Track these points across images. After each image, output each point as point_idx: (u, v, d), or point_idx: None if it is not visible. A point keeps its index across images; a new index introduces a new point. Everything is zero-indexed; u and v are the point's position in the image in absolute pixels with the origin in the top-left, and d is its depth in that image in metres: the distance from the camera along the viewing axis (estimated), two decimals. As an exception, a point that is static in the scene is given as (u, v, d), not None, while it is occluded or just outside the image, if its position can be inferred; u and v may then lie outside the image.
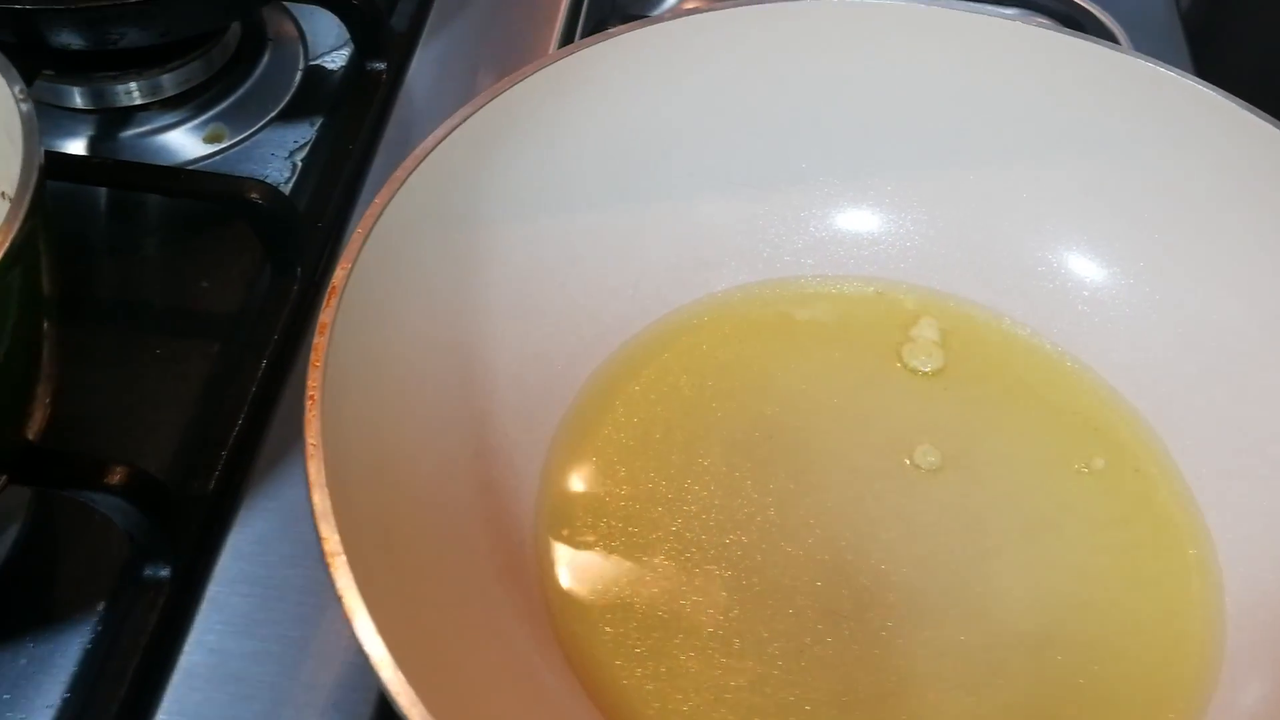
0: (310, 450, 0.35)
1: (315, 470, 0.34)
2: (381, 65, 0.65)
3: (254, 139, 0.62)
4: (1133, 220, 0.53)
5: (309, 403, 0.36)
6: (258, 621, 0.44)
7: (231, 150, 0.62)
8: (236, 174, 0.59)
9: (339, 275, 0.39)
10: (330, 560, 0.33)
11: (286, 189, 0.60)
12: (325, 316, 0.38)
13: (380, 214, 0.42)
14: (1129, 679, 0.45)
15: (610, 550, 0.46)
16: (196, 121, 0.63)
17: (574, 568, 0.45)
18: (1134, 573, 0.48)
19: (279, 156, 0.62)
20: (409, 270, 0.43)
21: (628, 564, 0.46)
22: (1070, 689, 0.44)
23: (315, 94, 0.65)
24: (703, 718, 0.42)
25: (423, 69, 0.67)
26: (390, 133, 0.63)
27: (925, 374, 0.53)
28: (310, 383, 0.36)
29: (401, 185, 0.43)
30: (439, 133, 0.45)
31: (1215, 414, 0.50)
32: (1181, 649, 0.46)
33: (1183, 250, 0.52)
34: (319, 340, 0.37)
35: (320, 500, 0.34)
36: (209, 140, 0.62)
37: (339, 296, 0.39)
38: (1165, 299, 0.53)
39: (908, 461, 0.50)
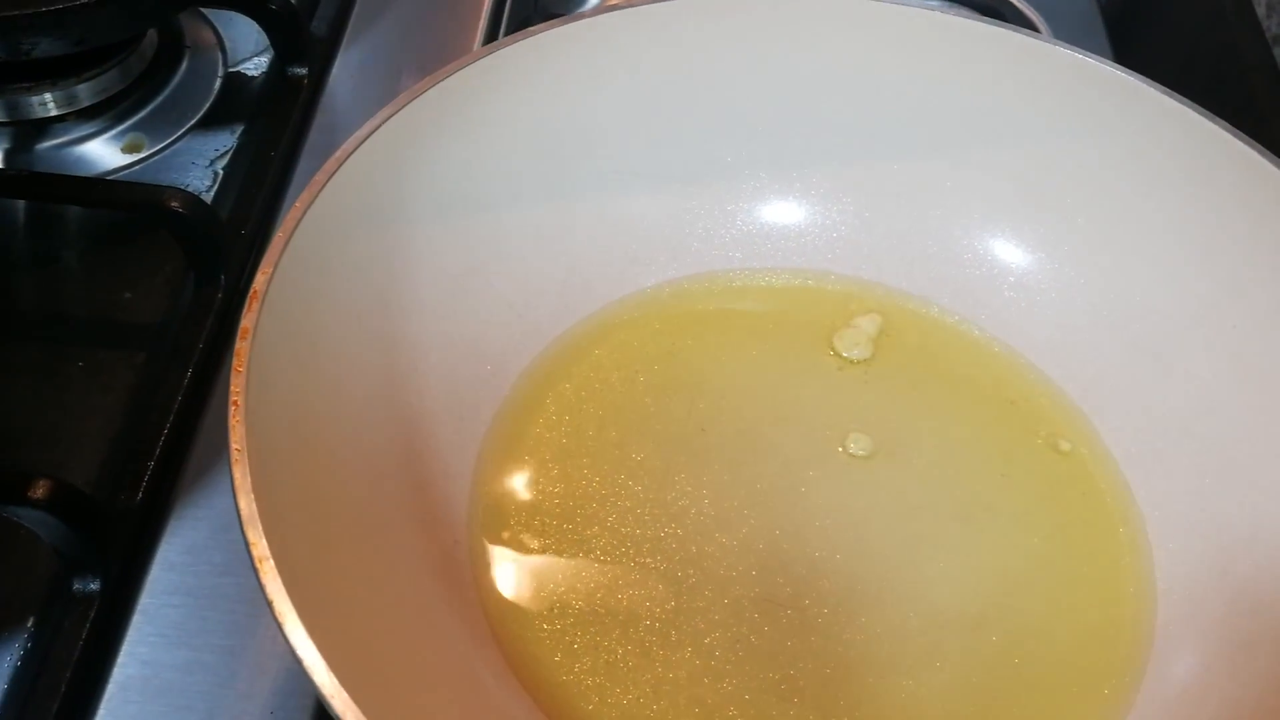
0: (235, 456, 0.34)
1: (241, 476, 0.34)
2: (302, 70, 0.65)
3: (174, 148, 0.62)
4: (1056, 206, 0.54)
5: (232, 408, 0.35)
6: (191, 632, 0.43)
7: (151, 160, 0.61)
8: (157, 183, 0.58)
9: (260, 280, 0.39)
10: (259, 565, 0.32)
11: (208, 197, 0.59)
12: (247, 321, 0.38)
13: (301, 217, 0.41)
14: (1064, 657, 0.45)
15: (545, 547, 0.46)
16: (114, 131, 0.62)
17: (509, 566, 0.45)
18: (1066, 553, 0.48)
19: (200, 165, 0.61)
20: (333, 272, 0.43)
21: (563, 560, 0.46)
22: (1007, 669, 0.45)
23: (235, 101, 0.64)
24: (642, 710, 0.42)
25: (344, 73, 0.66)
26: (313, 138, 0.63)
27: (856, 363, 0.53)
28: (233, 388, 0.36)
29: (323, 188, 0.43)
30: (360, 134, 0.45)
31: (1141, 393, 0.51)
32: (1114, 626, 0.46)
33: (1105, 234, 0.53)
34: (241, 345, 0.37)
35: (246, 506, 0.33)
36: (128, 150, 0.61)
37: (260, 301, 0.38)
38: (1089, 282, 0.53)
39: (840, 450, 0.50)
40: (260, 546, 0.33)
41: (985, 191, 0.55)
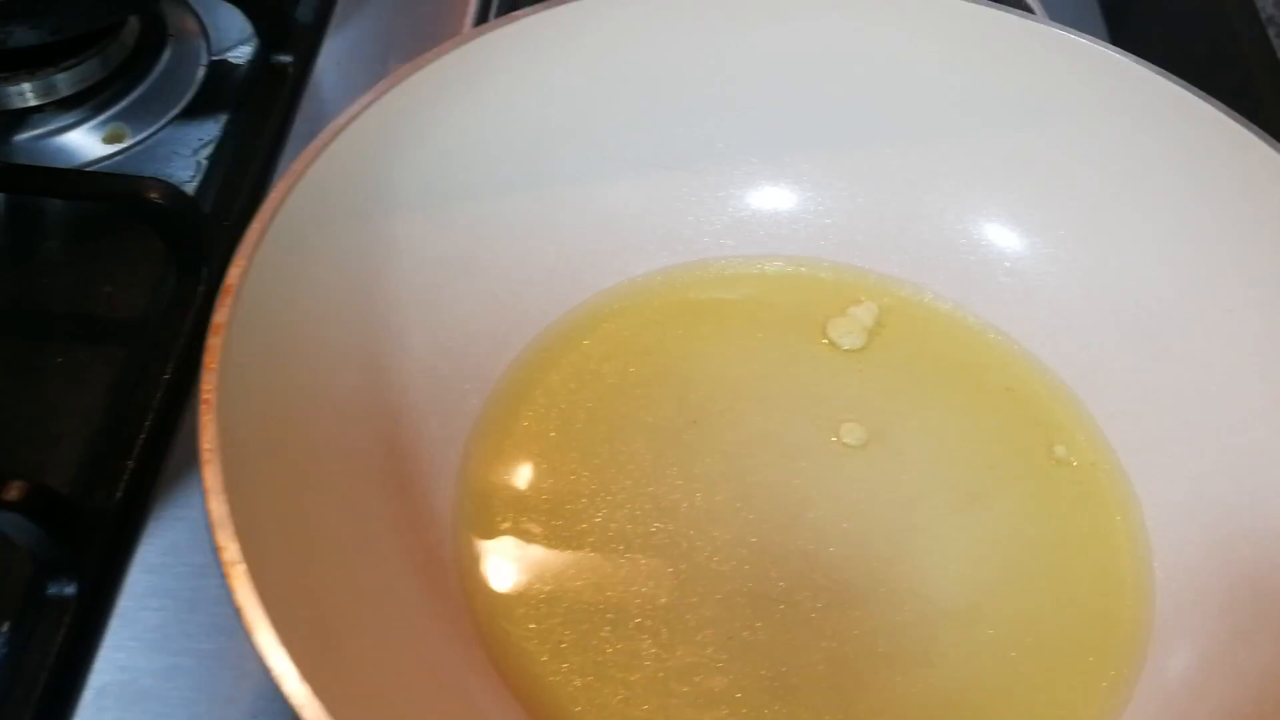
0: (206, 456, 0.33)
1: (212, 477, 0.33)
2: (288, 59, 0.64)
3: (156, 138, 0.61)
4: (1051, 190, 0.53)
5: (203, 407, 0.34)
6: (170, 636, 0.42)
7: (134, 150, 0.60)
8: (137, 174, 0.57)
9: (233, 273, 0.38)
10: (229, 571, 0.31)
11: (192, 188, 0.58)
12: (219, 317, 0.36)
13: (278, 208, 0.40)
14: (1061, 651, 0.44)
15: (533, 544, 0.45)
16: (95, 121, 0.61)
17: (496, 564, 0.44)
18: (1062, 542, 0.47)
19: (183, 155, 0.60)
20: (311, 265, 0.42)
21: (551, 557, 0.45)
22: (1003, 663, 0.44)
23: (220, 90, 0.63)
24: (632, 711, 0.41)
25: (331, 62, 0.65)
26: (299, 127, 0.62)
27: (849, 351, 0.52)
28: (204, 386, 0.35)
29: (300, 177, 0.41)
30: (340, 121, 0.44)
31: (1138, 380, 0.50)
32: (1112, 616, 0.45)
33: (1101, 218, 0.52)
34: (212, 341, 0.36)
35: (218, 508, 0.32)
36: (109, 140, 0.60)
37: (234, 296, 0.37)
38: (1085, 267, 0.52)
39: (834, 439, 0.49)
40: (231, 551, 0.32)
41: (979, 176, 0.54)
